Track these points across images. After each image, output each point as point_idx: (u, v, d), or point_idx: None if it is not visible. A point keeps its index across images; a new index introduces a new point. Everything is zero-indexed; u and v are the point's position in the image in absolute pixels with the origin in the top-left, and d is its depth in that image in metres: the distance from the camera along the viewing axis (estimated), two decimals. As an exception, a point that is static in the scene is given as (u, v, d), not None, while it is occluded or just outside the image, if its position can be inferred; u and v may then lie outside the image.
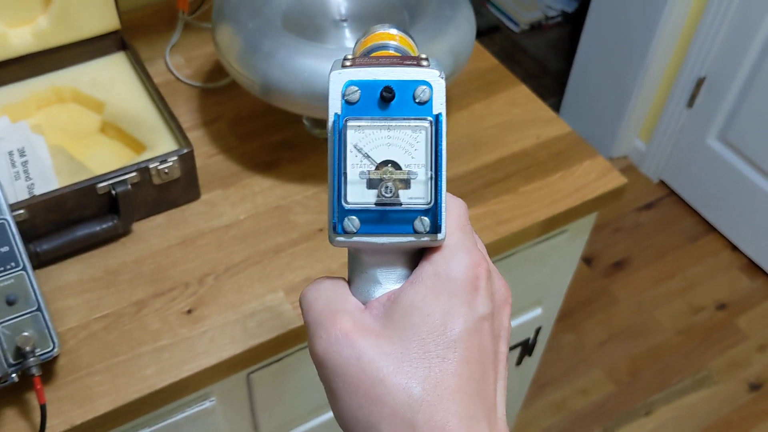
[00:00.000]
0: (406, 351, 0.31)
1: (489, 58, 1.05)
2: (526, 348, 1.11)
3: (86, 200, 0.76)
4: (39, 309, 0.65)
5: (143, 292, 0.76)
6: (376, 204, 0.32)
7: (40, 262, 0.75)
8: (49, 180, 0.77)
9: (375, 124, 0.32)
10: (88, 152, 0.84)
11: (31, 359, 0.63)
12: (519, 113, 0.97)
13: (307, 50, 0.77)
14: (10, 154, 0.77)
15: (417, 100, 0.32)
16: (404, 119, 0.32)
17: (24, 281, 0.65)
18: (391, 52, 0.37)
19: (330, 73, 0.33)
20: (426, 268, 0.33)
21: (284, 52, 0.77)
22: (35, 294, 0.65)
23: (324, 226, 0.82)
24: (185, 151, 0.79)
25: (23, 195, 0.76)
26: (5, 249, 0.64)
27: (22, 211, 0.72)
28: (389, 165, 0.32)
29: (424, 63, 0.33)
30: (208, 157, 0.89)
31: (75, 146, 0.84)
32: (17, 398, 0.68)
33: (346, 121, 0.32)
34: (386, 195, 0.32)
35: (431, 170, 0.32)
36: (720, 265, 1.93)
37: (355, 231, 0.32)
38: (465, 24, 0.81)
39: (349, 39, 0.86)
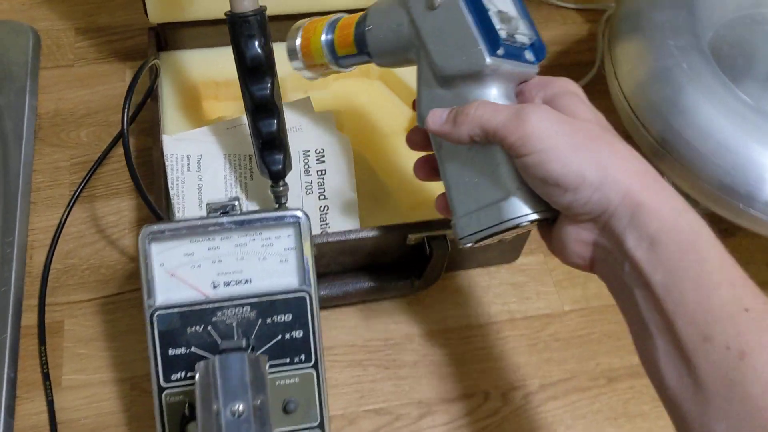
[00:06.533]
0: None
1: None
2: None
3: (386, 247, 0.56)
4: (321, 425, 0.46)
5: (429, 389, 0.56)
6: (504, 40, 0.40)
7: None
8: (347, 208, 0.57)
9: None
10: (388, 161, 0.64)
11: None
12: None
13: (731, 106, 0.52)
14: (305, 154, 0.57)
15: None
16: None
17: (311, 385, 0.46)
18: None
19: None
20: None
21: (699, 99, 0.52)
22: (320, 405, 0.46)
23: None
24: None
25: (313, 222, 0.57)
26: (298, 333, 0.46)
27: (308, 247, 0.53)
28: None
29: None
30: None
31: (375, 149, 0.64)
32: None
33: None
34: (509, 30, 0.41)
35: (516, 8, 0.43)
36: None
37: (501, 56, 0.40)
38: None
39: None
